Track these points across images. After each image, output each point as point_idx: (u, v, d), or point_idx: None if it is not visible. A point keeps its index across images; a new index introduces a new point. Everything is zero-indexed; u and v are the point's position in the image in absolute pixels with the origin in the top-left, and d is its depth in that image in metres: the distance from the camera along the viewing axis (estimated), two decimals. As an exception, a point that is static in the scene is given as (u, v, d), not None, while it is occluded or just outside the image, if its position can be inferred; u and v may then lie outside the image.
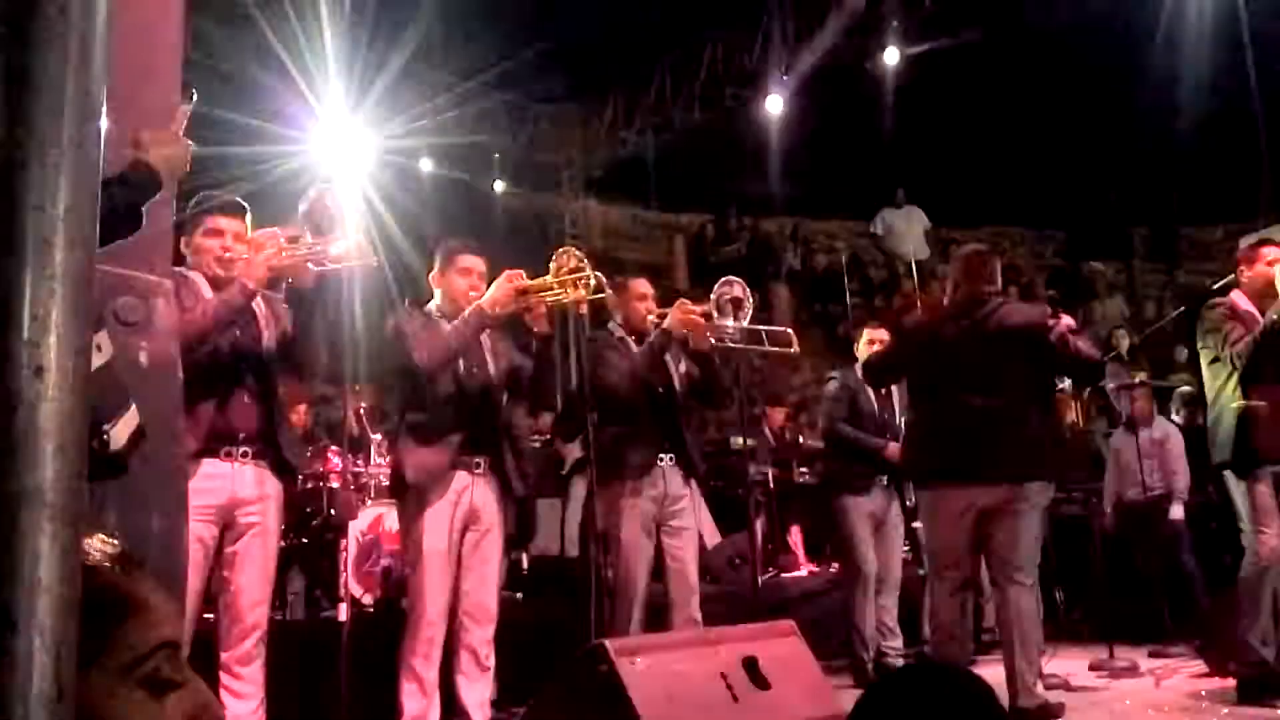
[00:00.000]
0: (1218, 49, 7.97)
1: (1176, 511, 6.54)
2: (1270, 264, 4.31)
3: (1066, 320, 4.00)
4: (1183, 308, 7.39)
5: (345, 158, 7.59)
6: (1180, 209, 12.62)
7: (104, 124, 1.02)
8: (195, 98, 2.52)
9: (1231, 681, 4.27)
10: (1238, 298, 4.36)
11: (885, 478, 5.35)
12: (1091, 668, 5.28)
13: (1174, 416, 7.25)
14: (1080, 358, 3.95)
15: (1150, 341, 10.34)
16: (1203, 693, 4.44)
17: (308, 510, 5.32)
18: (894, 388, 5.40)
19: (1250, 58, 7.76)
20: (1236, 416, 4.18)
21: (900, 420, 5.36)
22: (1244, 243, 5.89)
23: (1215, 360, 4.28)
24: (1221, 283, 4.55)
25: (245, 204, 3.20)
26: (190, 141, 2.39)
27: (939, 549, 4.08)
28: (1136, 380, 7.02)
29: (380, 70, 7.91)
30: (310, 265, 3.02)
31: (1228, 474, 4.29)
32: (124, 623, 0.90)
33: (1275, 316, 4.05)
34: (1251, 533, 4.20)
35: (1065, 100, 10.02)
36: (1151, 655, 5.75)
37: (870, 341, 5.52)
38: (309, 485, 5.20)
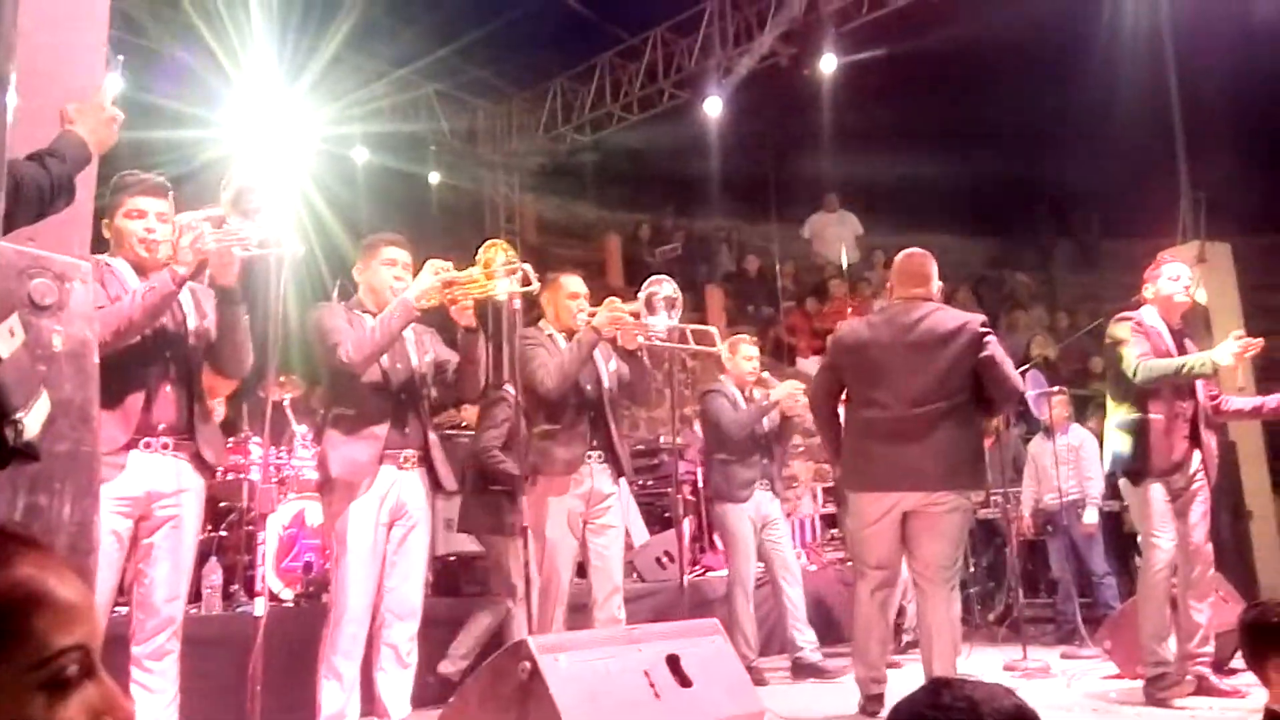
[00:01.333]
0: (1143, 69, 8.21)
1: (1090, 516, 6.72)
2: (1173, 280, 4.48)
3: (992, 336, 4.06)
4: (1100, 319, 7.59)
5: (275, 144, 7.43)
6: (1102, 223, 13.01)
7: (13, 99, 0.99)
8: (123, 67, 2.45)
9: (1139, 682, 4.41)
10: (1147, 312, 4.51)
11: (767, 482, 5.55)
12: (1005, 668, 5.40)
13: (1091, 424, 7.45)
14: (1006, 380, 3.98)
15: (1069, 351, 10.65)
16: (1111, 694, 4.57)
17: (226, 503, 5.23)
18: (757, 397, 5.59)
19: (1173, 78, 8.01)
20: (1132, 428, 4.36)
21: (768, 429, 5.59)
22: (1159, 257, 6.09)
23: (1118, 373, 4.42)
24: (1136, 297, 4.70)
25: (169, 183, 3.10)
26: (119, 113, 2.33)
27: (863, 550, 4.14)
28: (1055, 388, 7.20)
29: (313, 55, 7.78)
30: (236, 251, 2.94)
31: (1124, 482, 4.45)
32: (32, 619, 0.86)
33: (1197, 366, 4.21)
34: (1146, 539, 4.37)
35: (996, 113, 10.24)
36: (1064, 656, 5.91)
37: (747, 357, 5.68)
38: (228, 477, 5.11)
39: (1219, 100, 8.78)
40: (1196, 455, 4.42)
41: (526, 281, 3.55)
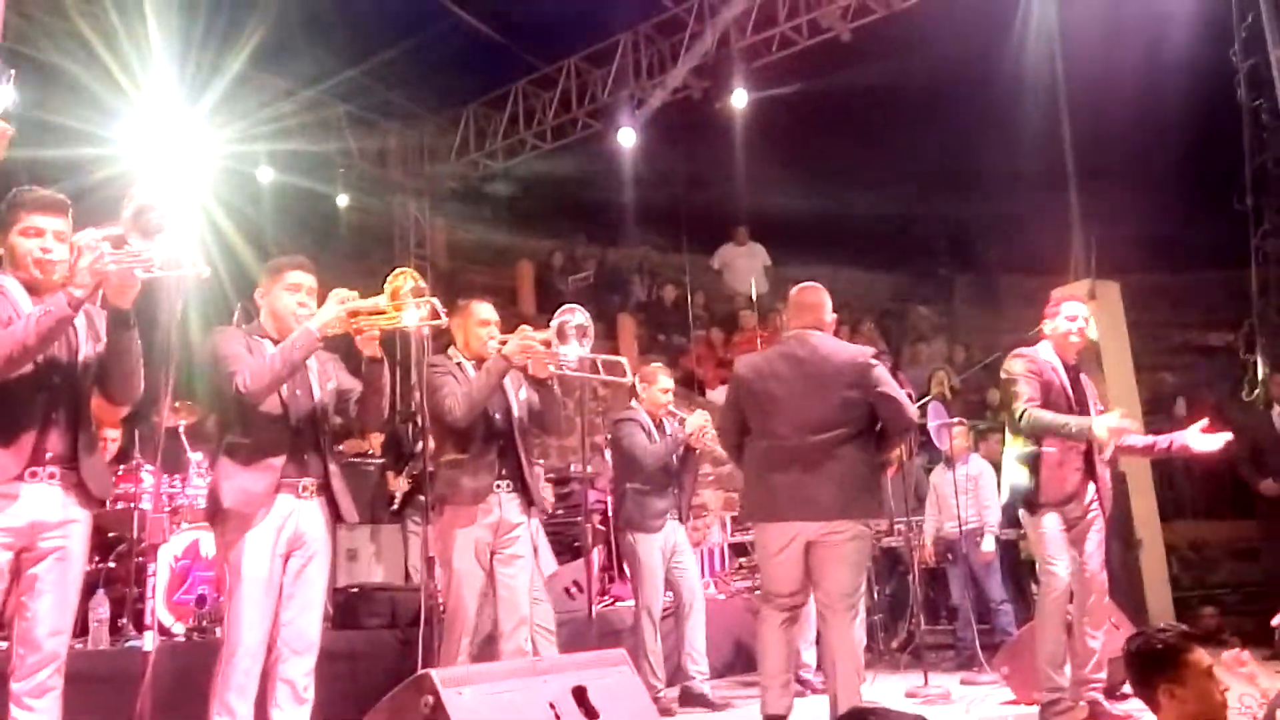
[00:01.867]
0: (1039, 111, 8.55)
1: (988, 544, 6.89)
2: (1070, 320, 4.66)
3: (882, 362, 4.15)
4: (999, 352, 7.83)
5: (176, 161, 7.23)
6: (1000, 259, 13.46)
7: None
8: (13, 80, 2.35)
9: (1035, 708, 4.53)
10: (1043, 347, 4.68)
11: (675, 511, 5.57)
12: (907, 695, 5.50)
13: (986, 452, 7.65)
14: (899, 413, 4.03)
15: (969, 382, 10.96)
16: (1009, 719, 4.68)
17: (115, 534, 5.03)
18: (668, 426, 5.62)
19: (1066, 121, 8.35)
20: (1028, 461, 4.53)
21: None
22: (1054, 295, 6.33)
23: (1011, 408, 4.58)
24: (1033, 331, 4.87)
25: (67, 200, 2.98)
26: (8, 127, 2.23)
27: (770, 581, 4.16)
28: (955, 420, 7.39)
29: (216, 72, 7.60)
30: (138, 272, 2.82)
31: (1022, 512, 4.60)
32: None
33: (1075, 431, 4.40)
34: (1043, 567, 4.51)
35: (900, 151, 10.53)
36: (963, 683, 6.04)
37: (664, 389, 5.70)
38: (118, 506, 4.91)
39: (1111, 143, 9.18)
40: (1092, 487, 4.57)
41: (435, 315, 3.45)
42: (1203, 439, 4.47)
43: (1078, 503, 4.52)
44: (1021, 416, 4.44)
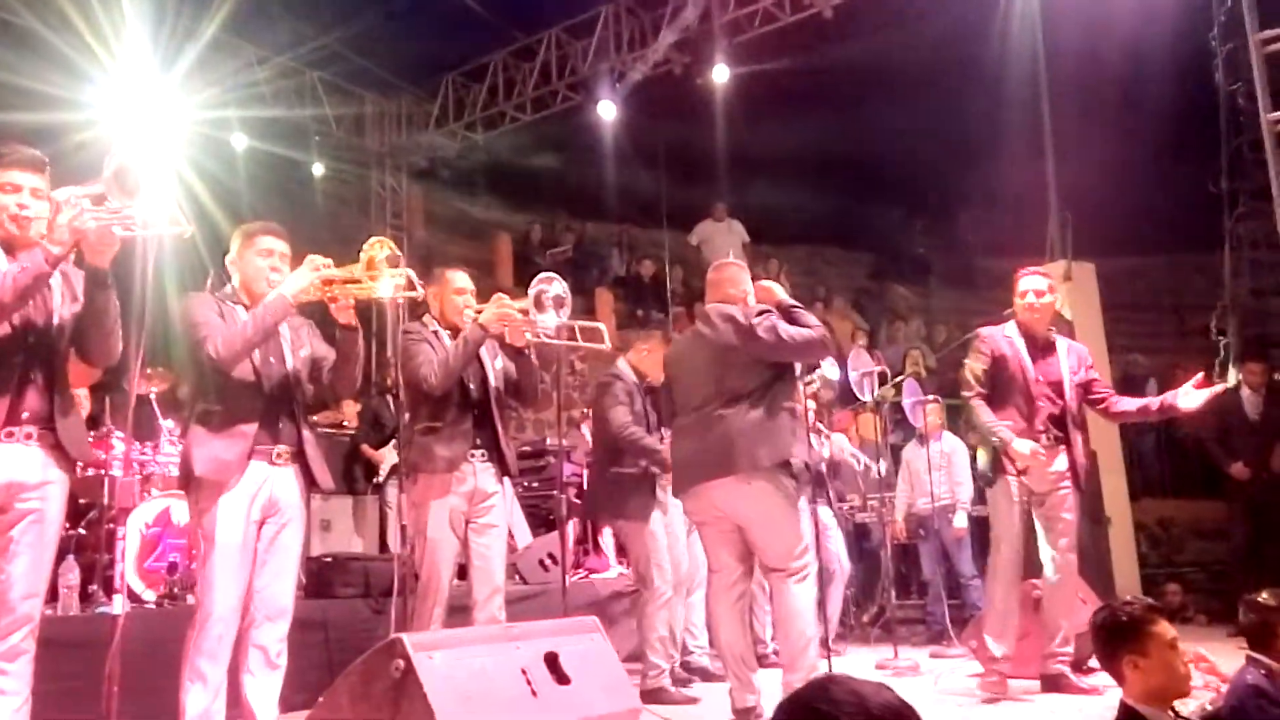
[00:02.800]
0: (1020, 93, 8.58)
1: (959, 520, 6.96)
2: (1021, 297, 4.71)
3: (765, 317, 3.92)
4: (974, 331, 7.87)
5: (151, 126, 7.14)
6: (978, 239, 13.52)
7: None
8: None
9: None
10: (1010, 326, 4.73)
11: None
12: (877, 667, 5.56)
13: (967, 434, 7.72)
14: (789, 343, 3.88)
15: (944, 361, 11.02)
16: (975, 690, 4.74)
17: (85, 500, 4.99)
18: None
19: (1046, 103, 8.38)
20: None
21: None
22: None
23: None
24: (1008, 311, 4.91)
25: (44, 158, 2.92)
26: None
27: (707, 555, 4.13)
28: (929, 397, 7.44)
29: (190, 38, 7.49)
30: (118, 230, 2.78)
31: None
32: None
33: (998, 442, 4.53)
34: (994, 538, 4.59)
35: (880, 130, 10.53)
36: (933, 656, 6.12)
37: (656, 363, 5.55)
38: (89, 472, 4.86)
39: (1089, 125, 9.23)
40: (1063, 458, 4.61)
41: (411, 286, 3.43)
42: (1190, 395, 4.49)
43: (1039, 475, 4.56)
44: (967, 407, 4.64)
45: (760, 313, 3.94)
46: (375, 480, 7.30)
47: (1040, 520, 4.67)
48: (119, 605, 2.85)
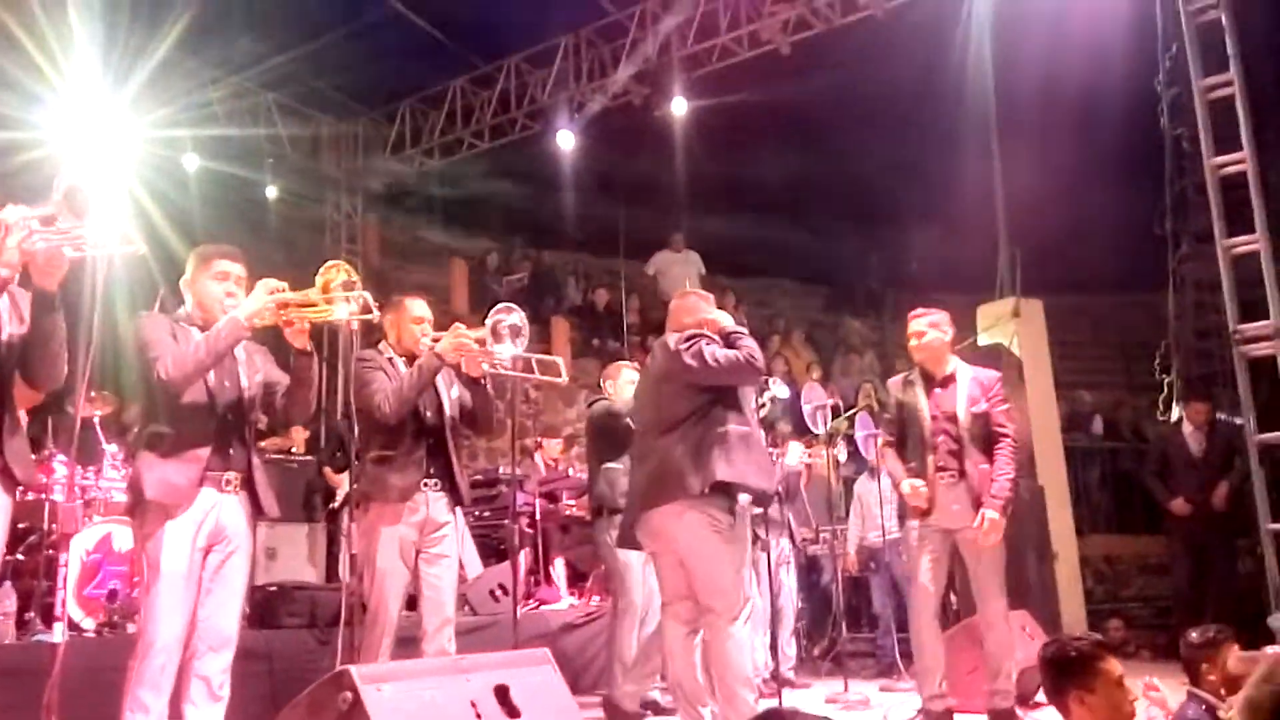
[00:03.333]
0: (971, 129, 8.75)
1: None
2: (910, 337, 4.86)
3: (693, 342, 3.87)
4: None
5: (102, 146, 7.03)
6: (931, 275, 13.71)
7: None
8: None
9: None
10: (915, 371, 4.89)
11: None
12: (827, 701, 5.56)
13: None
14: (715, 366, 3.81)
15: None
16: (923, 725, 4.75)
17: (24, 524, 4.86)
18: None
19: (995, 141, 8.56)
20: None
21: None
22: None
23: None
24: (961, 345, 4.99)
25: None
26: None
27: (660, 586, 4.07)
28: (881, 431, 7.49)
29: (140, 57, 7.40)
30: (68, 251, 2.73)
31: None
32: None
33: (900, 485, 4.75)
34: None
35: (834, 164, 10.67)
36: (882, 690, 6.13)
37: (630, 381, 5.57)
38: (28, 496, 4.74)
39: (1040, 165, 9.42)
40: (962, 490, 4.63)
41: (367, 309, 3.40)
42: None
43: (944, 512, 4.62)
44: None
45: (690, 338, 3.90)
46: (331, 505, 7.18)
47: (966, 557, 4.71)
48: (59, 633, 2.76)
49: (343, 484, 7.13)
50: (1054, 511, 7.46)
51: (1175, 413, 7.92)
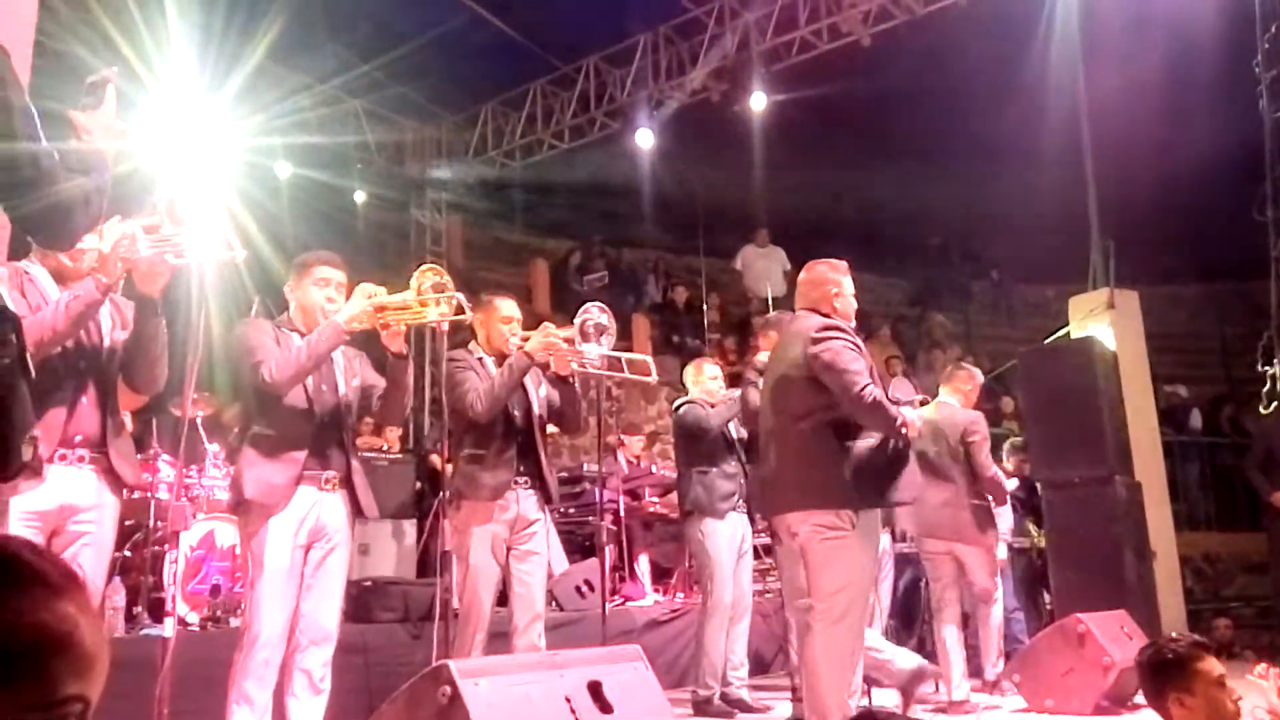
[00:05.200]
0: (1060, 119, 8.52)
1: (1000, 551, 6.83)
2: None
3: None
4: (1013, 361, 7.82)
5: (198, 154, 7.26)
6: (1019, 267, 13.43)
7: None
8: (116, 70, 2.38)
9: (1046, 715, 4.52)
10: None
11: (742, 502, 5.32)
12: (916, 701, 5.46)
13: (1005, 463, 7.63)
14: (837, 384, 3.62)
15: (982, 391, 10.91)
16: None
17: (130, 521, 5.05)
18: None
19: (1085, 130, 8.33)
20: None
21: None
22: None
23: None
24: (1053, 337, 4.87)
25: None
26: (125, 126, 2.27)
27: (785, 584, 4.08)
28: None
29: (235, 65, 7.62)
30: (170, 258, 2.85)
31: None
32: (53, 660, 0.82)
33: None
34: None
35: (920, 158, 10.50)
36: (975, 690, 6.01)
37: (712, 376, 5.56)
38: (134, 495, 4.92)
39: (1131, 152, 9.14)
40: None
41: (460, 310, 3.48)
42: None
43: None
44: None
45: (826, 327, 3.73)
46: (442, 495, 7.28)
47: None
48: (169, 628, 2.88)
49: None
50: (1152, 509, 7.23)
51: (1277, 404, 7.62)
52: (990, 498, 5.54)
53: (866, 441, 3.64)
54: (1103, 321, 7.74)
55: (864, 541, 3.62)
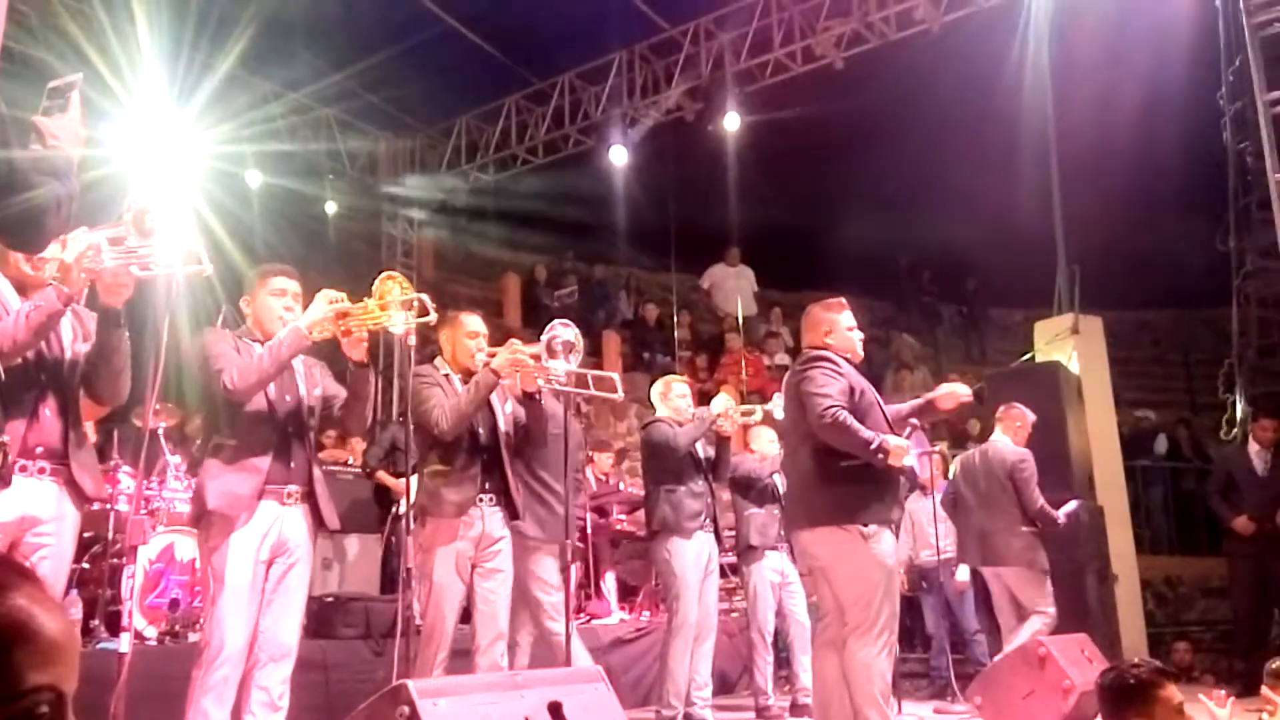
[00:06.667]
0: (1029, 143, 8.63)
1: (962, 574, 6.87)
2: None
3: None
4: (980, 384, 7.88)
5: (167, 163, 7.20)
6: (987, 291, 13.56)
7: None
8: (81, 77, 2.35)
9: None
10: None
11: (709, 521, 5.34)
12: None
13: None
14: (805, 407, 3.88)
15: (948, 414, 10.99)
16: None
17: (89, 533, 4.97)
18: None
19: (1054, 154, 8.44)
20: None
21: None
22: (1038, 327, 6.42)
23: None
24: (1020, 360, 4.91)
25: None
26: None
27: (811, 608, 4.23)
28: (934, 448, 7.42)
29: (205, 74, 7.57)
30: (134, 270, 2.82)
31: None
32: (13, 652, 0.81)
33: None
34: None
35: (889, 179, 10.60)
36: (936, 712, 6.05)
37: (680, 395, 5.55)
38: (94, 506, 4.85)
39: (1098, 180, 9.28)
40: None
41: (424, 312, 3.46)
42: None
43: None
44: None
45: (810, 359, 4.03)
46: (394, 511, 7.22)
47: None
48: (125, 643, 2.83)
49: (401, 489, 7.16)
50: (1114, 532, 7.31)
51: (1239, 432, 7.75)
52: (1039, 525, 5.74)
53: (852, 462, 3.83)
54: (1067, 346, 7.83)
55: (876, 551, 3.78)
